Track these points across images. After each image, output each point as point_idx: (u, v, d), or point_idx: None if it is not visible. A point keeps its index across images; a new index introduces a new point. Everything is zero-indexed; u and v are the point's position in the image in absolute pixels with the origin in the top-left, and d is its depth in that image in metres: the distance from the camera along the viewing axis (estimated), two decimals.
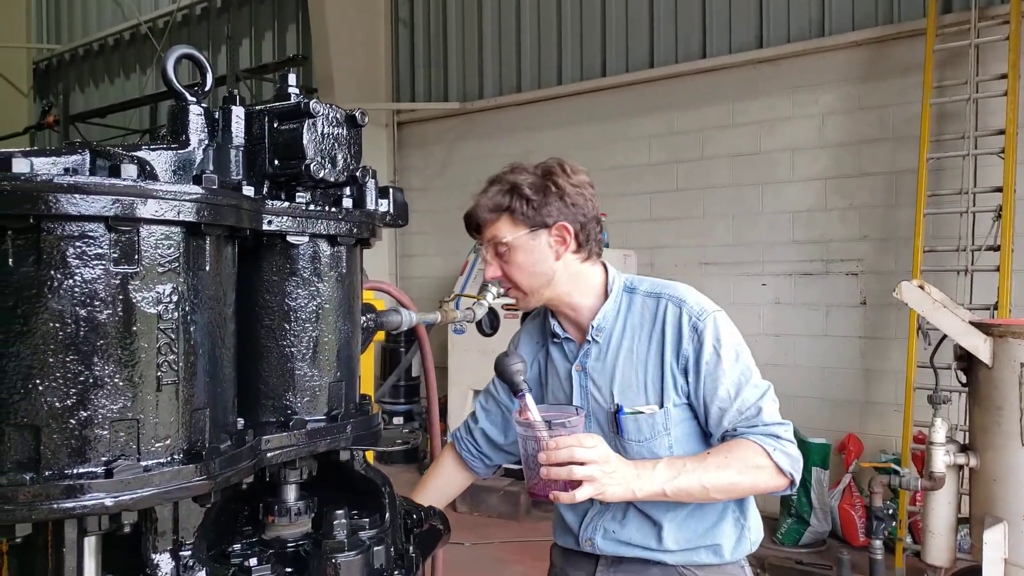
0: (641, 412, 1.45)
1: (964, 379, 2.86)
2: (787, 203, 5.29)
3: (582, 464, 1.25)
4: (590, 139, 6.15)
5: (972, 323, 2.77)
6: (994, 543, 2.60)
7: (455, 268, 6.29)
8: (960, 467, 2.80)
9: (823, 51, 5.14)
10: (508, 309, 5.54)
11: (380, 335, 1.45)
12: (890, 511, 4.03)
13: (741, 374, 1.43)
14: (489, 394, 1.74)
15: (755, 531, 1.54)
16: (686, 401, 1.46)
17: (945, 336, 2.87)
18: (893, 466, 3.85)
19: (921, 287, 2.97)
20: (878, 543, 3.51)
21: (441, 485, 1.72)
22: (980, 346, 2.71)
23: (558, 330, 1.58)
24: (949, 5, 4.74)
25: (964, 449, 2.81)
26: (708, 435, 1.48)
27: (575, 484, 1.26)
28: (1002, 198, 4.27)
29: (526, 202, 1.44)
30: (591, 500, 1.36)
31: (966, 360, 2.80)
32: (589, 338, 1.53)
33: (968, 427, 2.93)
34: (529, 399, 1.34)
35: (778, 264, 5.33)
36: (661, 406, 1.45)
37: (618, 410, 1.47)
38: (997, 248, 4.27)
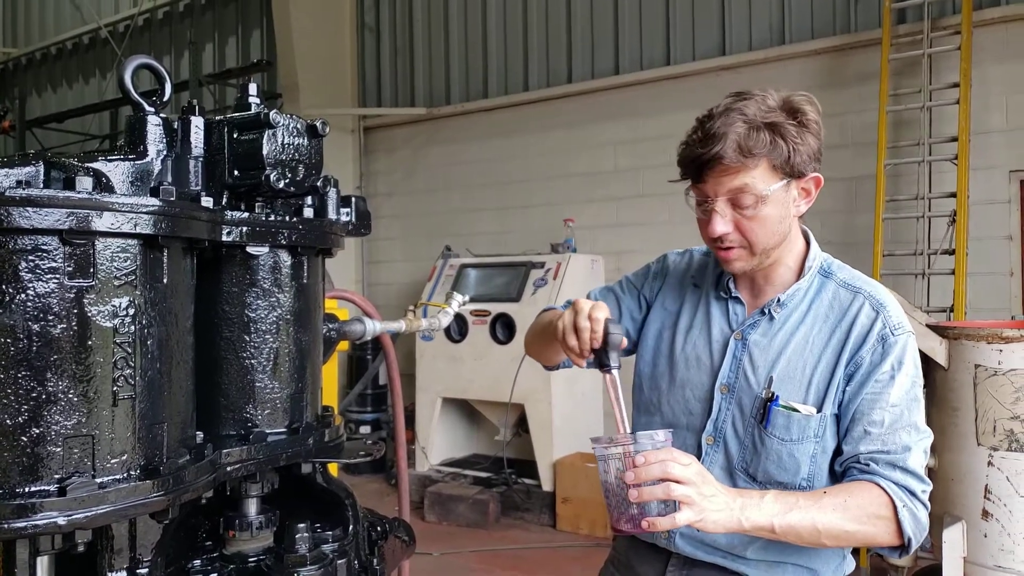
0: (797, 411, 1.26)
1: (922, 381, 2.93)
2: None
3: (678, 482, 1.08)
4: (556, 145, 6.19)
5: (928, 326, 2.84)
6: (953, 542, 2.67)
7: (423, 274, 6.27)
8: None
9: (783, 59, 5.25)
10: (476, 316, 5.55)
11: (345, 344, 1.43)
12: None
13: (907, 407, 1.25)
14: (610, 291, 1.53)
15: (851, 558, 1.37)
16: (837, 411, 1.27)
17: None
18: None
19: None
20: None
21: None
22: (936, 348, 2.78)
23: (731, 285, 1.37)
24: (903, 16, 4.88)
25: None
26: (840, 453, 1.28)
27: (671, 507, 1.09)
28: (956, 203, 4.40)
29: (790, 147, 1.21)
30: None
31: (923, 362, 2.87)
32: (765, 310, 1.33)
33: None
34: (616, 378, 1.18)
35: None
36: (819, 410, 1.26)
37: (772, 399, 1.27)
38: (952, 252, 4.39)
